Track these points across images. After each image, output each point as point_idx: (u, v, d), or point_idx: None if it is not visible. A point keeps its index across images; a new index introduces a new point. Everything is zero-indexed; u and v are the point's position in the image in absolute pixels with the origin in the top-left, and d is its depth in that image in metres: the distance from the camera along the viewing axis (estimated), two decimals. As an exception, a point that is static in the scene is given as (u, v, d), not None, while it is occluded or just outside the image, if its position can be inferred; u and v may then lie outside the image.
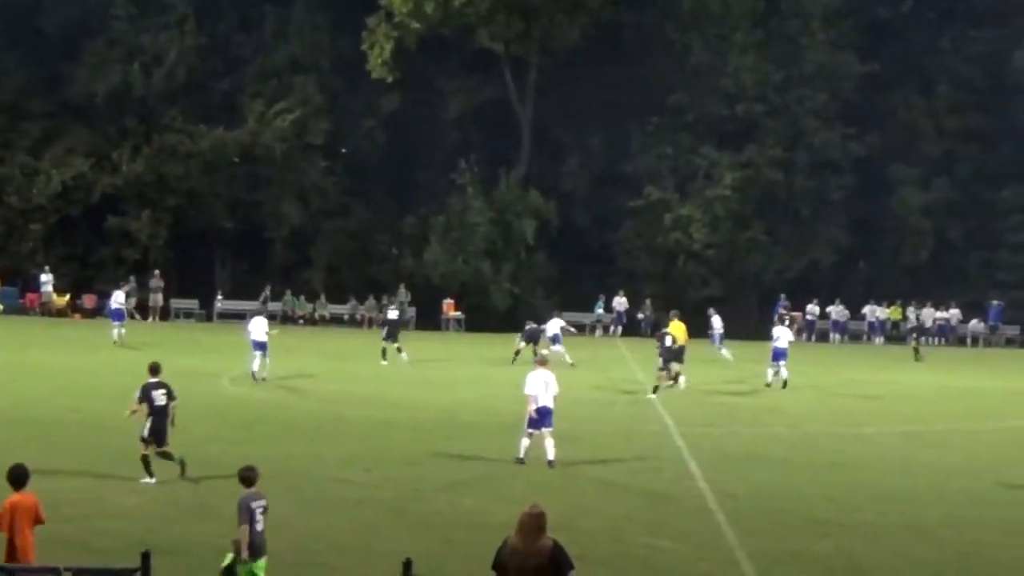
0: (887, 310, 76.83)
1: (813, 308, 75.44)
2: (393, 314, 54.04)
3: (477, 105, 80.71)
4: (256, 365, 43.50)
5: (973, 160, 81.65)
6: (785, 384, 45.22)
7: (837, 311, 76.42)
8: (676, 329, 45.60)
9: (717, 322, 60.29)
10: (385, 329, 52.70)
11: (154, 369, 25.99)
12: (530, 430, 28.88)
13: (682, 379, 44.41)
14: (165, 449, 25.61)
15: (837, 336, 76.31)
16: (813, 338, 74.99)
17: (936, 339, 75.55)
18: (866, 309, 76.86)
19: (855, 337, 76.56)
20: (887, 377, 52.84)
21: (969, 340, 76.29)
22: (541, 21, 78.20)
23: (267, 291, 71.97)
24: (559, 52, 79.39)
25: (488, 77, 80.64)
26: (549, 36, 78.72)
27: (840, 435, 35.20)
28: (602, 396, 42.36)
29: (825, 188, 79.36)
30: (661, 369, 43.68)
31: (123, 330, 55.85)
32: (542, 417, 28.74)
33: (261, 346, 43.81)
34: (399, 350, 51.02)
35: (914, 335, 66.07)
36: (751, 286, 78.24)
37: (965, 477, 28.93)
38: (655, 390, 42.30)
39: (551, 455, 28.45)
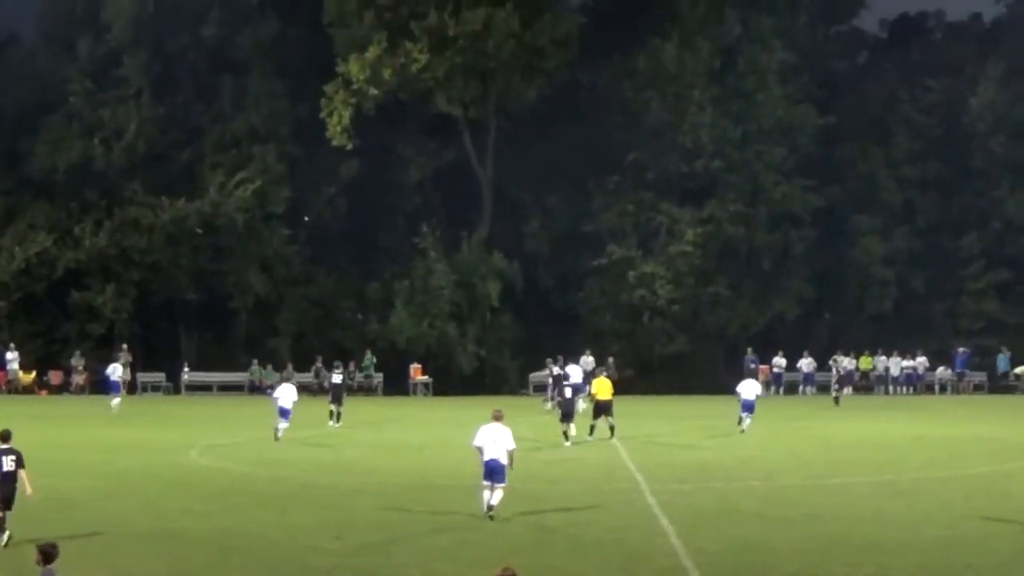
0: (854, 360, 76.91)
1: (779, 360, 75.54)
2: (337, 378, 54.75)
3: (437, 169, 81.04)
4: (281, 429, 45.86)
5: (933, 208, 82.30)
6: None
7: (806, 363, 76.46)
8: (600, 386, 46.38)
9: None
10: (331, 393, 54.05)
11: (4, 436, 25.91)
12: (485, 482, 28.89)
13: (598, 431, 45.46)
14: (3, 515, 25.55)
15: (810, 389, 76.31)
16: (781, 391, 75.09)
17: (904, 388, 75.81)
18: (838, 357, 76.89)
19: (823, 388, 76.58)
20: (857, 427, 52.92)
21: (937, 388, 76.52)
22: (498, 83, 78.53)
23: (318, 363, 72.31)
24: (517, 114, 79.88)
25: (447, 140, 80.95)
26: (506, 98, 79.08)
27: (811, 487, 35.14)
28: (572, 454, 42.28)
29: (786, 241, 79.81)
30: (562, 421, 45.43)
31: (119, 400, 55.78)
32: (491, 472, 28.78)
33: (284, 413, 46.19)
34: (338, 415, 52.31)
35: (836, 384, 66.94)
36: (716, 341, 78.51)
37: (937, 525, 28.89)
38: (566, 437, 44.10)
39: (493, 501, 28.64)
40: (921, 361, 76.84)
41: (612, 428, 45.40)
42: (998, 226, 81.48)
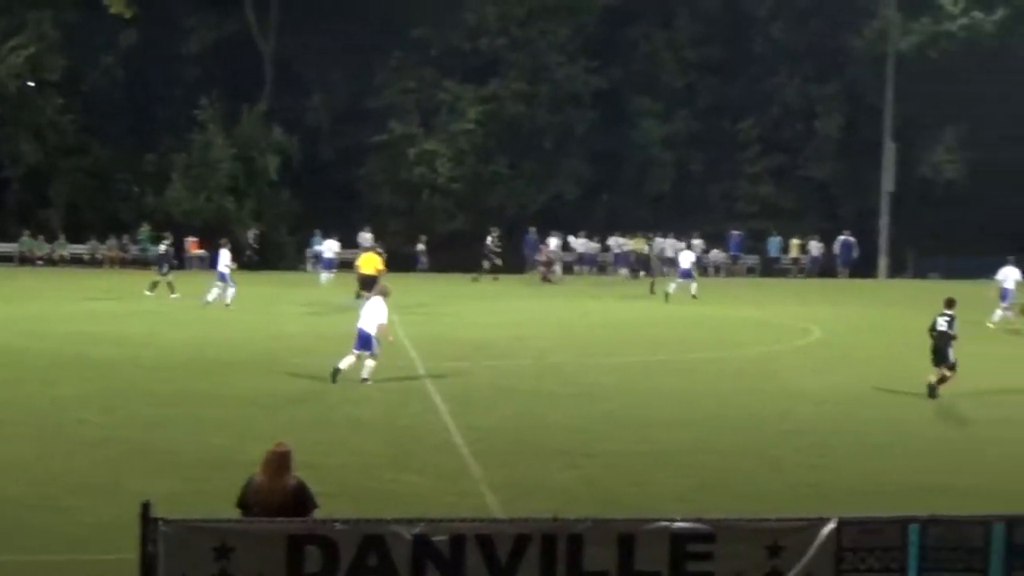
0: (630, 242, 77.71)
1: (554, 240, 75.70)
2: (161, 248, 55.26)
3: (218, 40, 79.55)
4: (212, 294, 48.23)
5: (713, 92, 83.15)
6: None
7: (581, 243, 77.12)
8: (365, 261, 48.53)
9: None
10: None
11: None
12: (355, 350, 30.83)
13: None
14: None
15: (584, 268, 77.01)
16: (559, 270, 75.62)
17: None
18: (611, 241, 77.68)
19: (601, 269, 77.39)
20: (632, 307, 53.64)
21: (711, 270, 77.70)
22: (282, -47, 77.13)
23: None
24: (300, -13, 78.49)
25: (229, 12, 79.39)
26: (289, -30, 77.72)
27: (586, 365, 35.58)
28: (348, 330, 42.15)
29: (568, 122, 79.98)
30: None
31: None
32: (358, 340, 30.75)
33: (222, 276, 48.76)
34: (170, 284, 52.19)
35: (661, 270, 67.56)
36: (495, 220, 78.66)
37: (708, 404, 29.47)
38: None
39: (364, 373, 30.60)
40: (697, 243, 77.72)
41: None
42: (776, 111, 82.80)
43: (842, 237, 76.49)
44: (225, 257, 49.64)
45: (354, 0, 76.98)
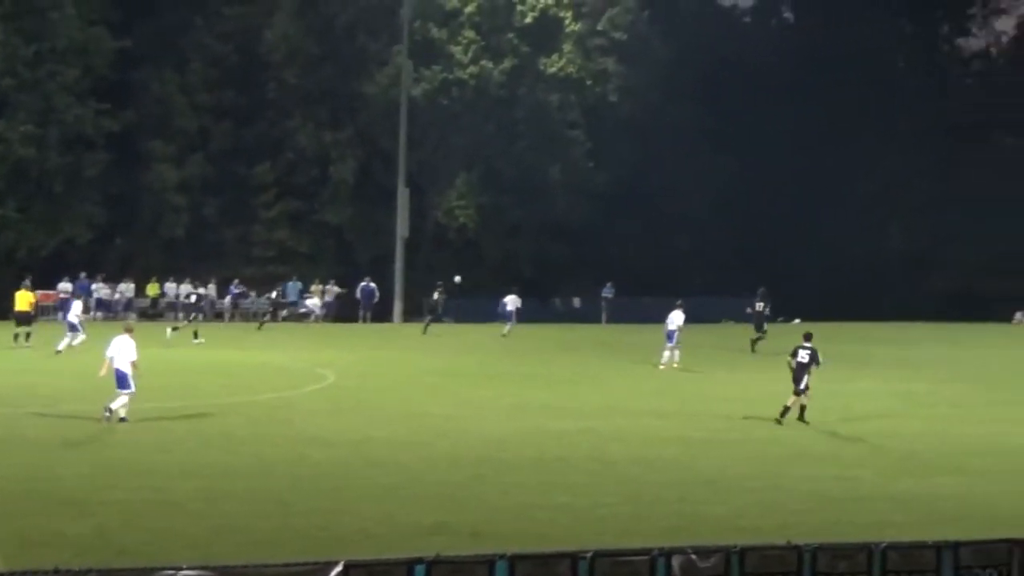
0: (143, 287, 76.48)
1: (65, 286, 73.65)
2: None
3: None
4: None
5: (228, 136, 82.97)
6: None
7: (98, 288, 75.28)
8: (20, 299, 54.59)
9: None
10: None
11: None
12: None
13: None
14: None
15: (99, 314, 75.13)
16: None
17: (194, 315, 75.71)
18: (122, 286, 76.17)
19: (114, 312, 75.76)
20: (147, 354, 52.75)
21: (227, 315, 77.20)
22: None
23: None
24: None
25: None
26: None
27: (100, 412, 34.67)
28: None
29: (79, 164, 78.14)
30: None
31: None
32: (117, 380, 32.44)
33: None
34: None
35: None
36: (4, 264, 76.18)
37: (220, 451, 29.34)
38: None
39: (114, 404, 32.39)
40: (212, 288, 77.13)
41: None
42: (291, 156, 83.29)
43: (363, 283, 77.57)
44: (77, 307, 52.63)
45: None
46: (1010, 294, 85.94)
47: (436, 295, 68.06)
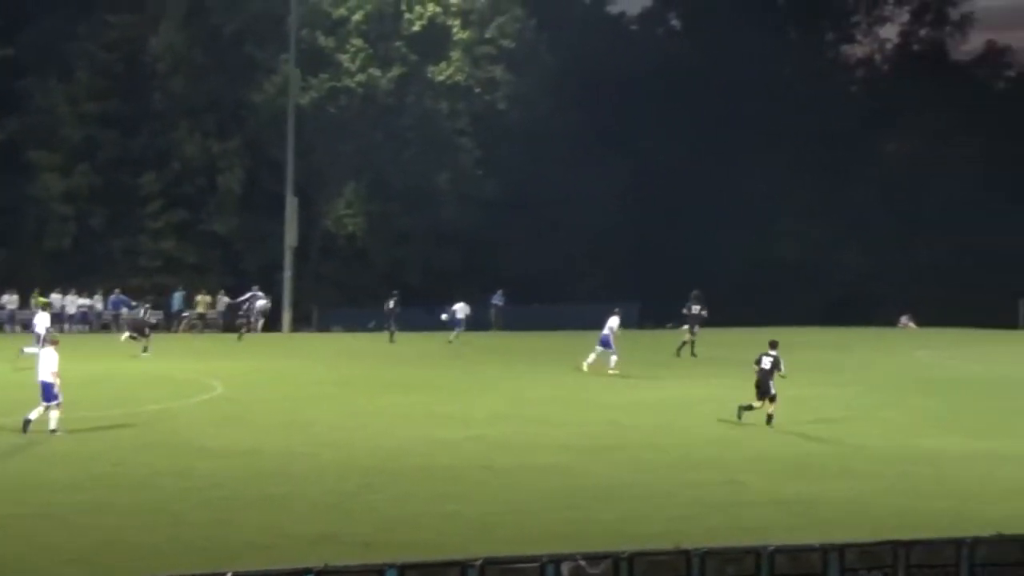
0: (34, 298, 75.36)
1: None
2: None
3: None
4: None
5: (114, 146, 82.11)
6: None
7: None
8: None
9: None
10: None
11: None
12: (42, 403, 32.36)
13: None
14: None
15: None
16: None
17: (80, 326, 75.01)
18: (4, 298, 74.90)
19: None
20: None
21: (114, 327, 76.25)
22: None
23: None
24: None
25: None
26: None
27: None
28: None
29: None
30: None
31: None
32: (43, 391, 32.28)
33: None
34: None
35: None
36: None
37: (104, 462, 29.04)
38: None
39: (48, 419, 32.12)
40: (98, 299, 76.25)
41: None
42: (177, 166, 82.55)
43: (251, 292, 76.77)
44: (44, 319, 52.16)
45: None
46: (895, 298, 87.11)
47: (391, 303, 67.03)
